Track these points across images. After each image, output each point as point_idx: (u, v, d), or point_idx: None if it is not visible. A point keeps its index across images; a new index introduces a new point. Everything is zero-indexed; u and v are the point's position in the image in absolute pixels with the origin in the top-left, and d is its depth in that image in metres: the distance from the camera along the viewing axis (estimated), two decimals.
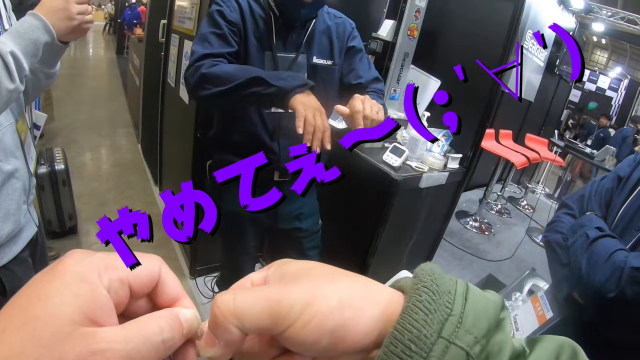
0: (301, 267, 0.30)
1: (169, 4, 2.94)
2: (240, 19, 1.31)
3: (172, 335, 0.27)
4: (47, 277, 0.25)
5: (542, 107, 6.04)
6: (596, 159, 4.81)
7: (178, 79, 2.66)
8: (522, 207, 5.07)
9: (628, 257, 0.87)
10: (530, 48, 4.49)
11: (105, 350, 0.23)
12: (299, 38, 1.39)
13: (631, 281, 0.83)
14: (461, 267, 3.10)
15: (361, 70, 1.50)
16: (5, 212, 1.05)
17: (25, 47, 0.92)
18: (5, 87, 0.88)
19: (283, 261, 0.32)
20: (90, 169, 4.10)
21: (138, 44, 5.23)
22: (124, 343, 0.24)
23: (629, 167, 1.10)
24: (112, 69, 9.97)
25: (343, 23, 1.49)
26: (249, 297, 0.27)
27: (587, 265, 0.92)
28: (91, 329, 0.24)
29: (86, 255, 0.27)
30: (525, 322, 1.16)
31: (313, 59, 1.42)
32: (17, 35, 0.92)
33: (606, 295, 0.86)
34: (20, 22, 0.95)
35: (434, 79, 2.39)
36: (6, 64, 0.88)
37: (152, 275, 0.30)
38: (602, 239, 0.94)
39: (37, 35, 0.94)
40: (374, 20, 2.57)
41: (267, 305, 0.26)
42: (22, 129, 1.14)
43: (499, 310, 0.27)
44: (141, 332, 0.25)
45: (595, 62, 17.19)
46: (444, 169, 2.12)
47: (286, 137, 1.44)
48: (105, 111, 6.31)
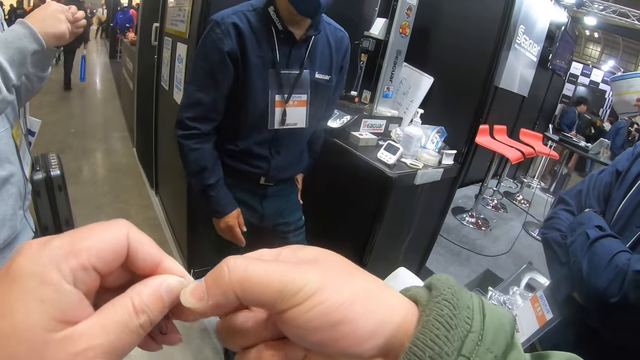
0: (321, 254, 0.29)
1: (161, 7, 2.94)
2: (237, 43, 1.27)
3: (151, 316, 0.25)
4: (3, 285, 0.22)
5: (535, 101, 6.08)
6: (591, 152, 4.83)
7: (172, 82, 2.66)
8: (518, 202, 5.10)
9: (631, 259, 0.83)
10: (523, 43, 4.51)
11: (87, 349, 0.22)
12: (300, 53, 1.36)
13: (634, 285, 0.80)
14: (458, 262, 3.11)
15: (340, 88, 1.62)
16: (1, 217, 1.04)
17: (11, 56, 0.91)
18: None
19: (299, 246, 0.30)
20: (85, 174, 4.09)
21: (131, 47, 5.22)
22: (104, 336, 0.23)
23: (627, 160, 1.06)
24: (105, 73, 9.94)
25: (342, 38, 1.48)
26: (261, 268, 0.25)
27: (588, 267, 0.89)
28: (67, 330, 0.22)
29: (40, 247, 0.24)
30: (525, 323, 1.14)
31: (315, 74, 1.41)
32: (3, 44, 0.91)
33: (609, 300, 0.83)
34: (7, 31, 0.94)
35: (426, 76, 2.39)
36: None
37: (117, 248, 0.26)
38: (603, 240, 0.91)
39: (24, 44, 0.93)
40: (366, 19, 2.58)
41: (278, 279, 0.25)
42: (17, 135, 1.14)
43: (513, 325, 0.27)
44: (117, 318, 0.24)
45: (588, 56, 17.24)
46: (439, 165, 2.13)
47: (281, 149, 1.47)
48: (100, 116, 6.30)
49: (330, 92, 1.52)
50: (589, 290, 0.88)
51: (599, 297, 0.85)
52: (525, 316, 1.15)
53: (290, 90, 1.37)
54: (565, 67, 6.84)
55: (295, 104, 1.40)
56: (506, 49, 4.06)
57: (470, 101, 2.23)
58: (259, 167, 1.47)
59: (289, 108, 1.38)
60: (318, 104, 1.48)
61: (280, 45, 1.32)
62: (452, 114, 2.36)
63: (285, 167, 1.52)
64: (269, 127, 1.38)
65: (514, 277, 2.14)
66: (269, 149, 1.44)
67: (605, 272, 0.85)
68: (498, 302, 1.87)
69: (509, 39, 4.06)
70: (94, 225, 0.26)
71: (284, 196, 1.65)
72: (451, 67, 2.41)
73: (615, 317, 0.86)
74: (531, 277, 2.14)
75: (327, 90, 1.49)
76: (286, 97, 1.36)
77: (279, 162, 1.48)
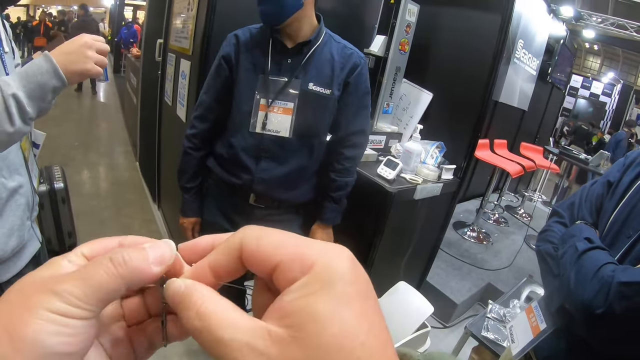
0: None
1: (165, 23, 2.99)
2: (234, 49, 1.45)
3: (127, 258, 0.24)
4: None
5: (536, 115, 6.09)
6: (591, 164, 4.84)
7: (175, 98, 2.69)
8: (520, 216, 5.09)
9: (615, 271, 0.85)
10: (522, 57, 4.55)
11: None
12: (295, 64, 1.42)
13: (619, 296, 0.81)
14: (460, 276, 3.10)
15: (351, 114, 1.54)
16: (10, 227, 1.06)
17: (31, 91, 0.90)
18: (4, 129, 0.87)
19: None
20: (88, 187, 4.12)
21: (135, 62, 5.28)
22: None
23: (618, 171, 1.07)
24: (109, 88, 10.04)
25: (350, 56, 1.48)
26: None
27: (575, 279, 0.90)
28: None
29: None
30: (520, 333, 1.15)
31: (309, 85, 1.43)
32: (24, 77, 0.90)
33: (595, 311, 0.84)
34: (30, 64, 0.92)
35: (426, 92, 2.43)
36: (7, 107, 0.87)
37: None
38: (591, 252, 0.92)
39: (45, 80, 0.91)
40: (366, 36, 2.63)
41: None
42: (26, 147, 1.16)
43: None
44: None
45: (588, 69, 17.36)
46: (438, 180, 2.15)
47: (266, 159, 1.48)
48: (104, 130, 6.35)
49: (327, 104, 1.48)
50: (576, 302, 0.89)
51: (585, 308, 0.86)
52: (520, 326, 1.16)
53: (275, 95, 1.41)
54: (565, 80, 6.88)
55: (280, 111, 1.43)
56: (505, 64, 4.10)
57: (469, 116, 2.26)
58: (243, 177, 1.48)
59: (271, 113, 1.43)
60: (311, 116, 1.47)
61: (274, 55, 1.41)
62: (451, 129, 2.39)
63: (273, 183, 1.50)
64: (250, 130, 1.44)
65: (514, 290, 2.14)
66: (254, 158, 1.47)
67: (591, 283, 0.86)
68: (498, 314, 1.88)
69: (508, 54, 4.10)
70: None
71: (275, 223, 1.60)
72: (450, 82, 2.44)
73: (603, 328, 0.87)
74: (531, 290, 2.14)
75: (324, 102, 1.47)
76: (270, 101, 1.42)
77: (264, 175, 1.47)
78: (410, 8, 2.22)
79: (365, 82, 1.54)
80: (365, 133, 1.63)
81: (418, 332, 1.63)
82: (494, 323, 1.81)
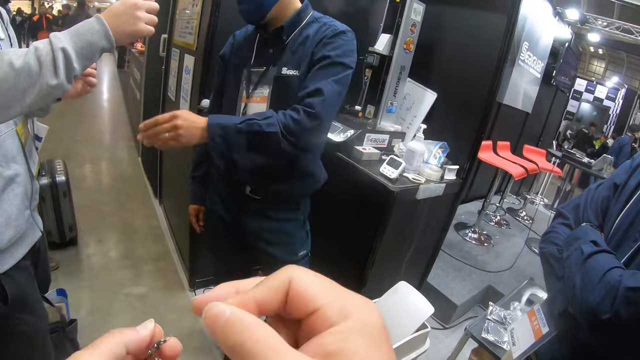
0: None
1: (169, 19, 2.99)
2: (230, 48, 1.53)
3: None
4: None
5: (539, 118, 6.08)
6: (594, 168, 4.82)
7: (178, 93, 2.69)
8: (521, 218, 5.08)
9: (622, 276, 0.82)
10: (527, 60, 4.54)
11: None
12: (276, 52, 1.40)
13: (626, 302, 0.79)
14: (460, 278, 3.09)
15: (308, 80, 1.33)
16: (6, 217, 1.03)
17: (80, 49, 0.90)
18: (46, 81, 0.86)
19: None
20: (90, 181, 4.12)
21: (138, 57, 5.28)
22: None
23: (625, 173, 1.05)
24: (113, 82, 10.05)
25: (325, 30, 1.35)
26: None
27: (581, 283, 0.88)
28: None
29: None
30: (521, 337, 1.14)
31: (282, 70, 1.37)
32: (74, 34, 0.90)
33: (601, 316, 0.82)
34: (82, 23, 0.92)
35: (430, 92, 2.42)
36: (54, 58, 0.86)
37: None
38: (597, 255, 0.90)
39: (95, 39, 0.92)
40: (371, 35, 2.62)
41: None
42: (22, 132, 1.12)
43: None
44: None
45: (592, 72, 17.27)
46: (441, 180, 2.14)
47: None
48: (107, 124, 6.36)
49: (295, 85, 1.35)
50: (582, 307, 0.87)
51: (591, 313, 0.85)
52: (522, 329, 1.14)
53: (254, 86, 1.42)
54: (569, 84, 6.85)
55: (257, 100, 1.43)
56: (510, 66, 4.08)
57: (473, 117, 2.25)
58: (232, 169, 1.41)
59: (250, 104, 1.43)
60: (283, 100, 1.35)
61: (259, 47, 1.44)
62: (455, 130, 2.38)
63: (260, 173, 1.39)
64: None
65: (515, 292, 2.13)
66: None
67: (597, 288, 0.84)
68: (498, 316, 1.87)
69: (513, 56, 4.09)
70: None
71: (275, 222, 1.56)
72: (455, 83, 2.43)
73: (608, 334, 0.85)
74: (532, 293, 2.13)
75: (293, 83, 1.36)
76: (249, 92, 1.43)
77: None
78: (416, 7, 2.21)
79: (335, 51, 1.31)
80: (323, 94, 1.26)
81: (418, 332, 1.63)
82: (494, 325, 1.80)
